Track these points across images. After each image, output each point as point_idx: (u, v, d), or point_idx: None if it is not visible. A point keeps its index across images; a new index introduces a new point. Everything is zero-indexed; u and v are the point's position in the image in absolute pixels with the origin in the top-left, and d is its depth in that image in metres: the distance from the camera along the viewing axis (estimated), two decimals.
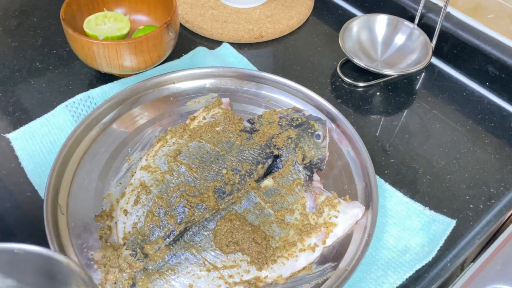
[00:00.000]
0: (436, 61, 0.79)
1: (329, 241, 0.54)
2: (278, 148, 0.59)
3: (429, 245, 0.55)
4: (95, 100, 0.67)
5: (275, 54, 0.80)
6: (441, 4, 0.78)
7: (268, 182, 0.57)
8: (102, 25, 0.73)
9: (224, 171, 0.57)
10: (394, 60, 0.75)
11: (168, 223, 0.53)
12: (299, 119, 0.62)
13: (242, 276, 0.50)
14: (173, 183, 0.56)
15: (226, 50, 0.78)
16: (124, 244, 0.52)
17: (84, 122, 0.62)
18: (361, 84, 0.75)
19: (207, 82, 0.70)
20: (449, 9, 0.77)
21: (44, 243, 0.55)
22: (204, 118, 0.64)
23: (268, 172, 0.59)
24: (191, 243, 0.52)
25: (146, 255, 0.51)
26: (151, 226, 0.53)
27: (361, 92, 0.74)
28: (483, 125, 0.70)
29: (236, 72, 0.70)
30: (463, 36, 0.74)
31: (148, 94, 0.68)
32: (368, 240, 0.53)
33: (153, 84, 0.68)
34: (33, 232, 0.56)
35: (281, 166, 0.59)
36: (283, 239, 0.53)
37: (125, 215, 0.54)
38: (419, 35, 0.76)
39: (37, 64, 0.75)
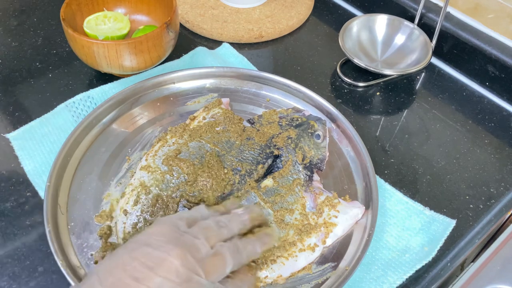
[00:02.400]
0: (436, 61, 0.79)
1: (329, 241, 0.54)
2: (278, 148, 0.59)
3: (429, 245, 0.55)
4: (95, 100, 0.67)
5: (275, 54, 0.80)
6: (441, 4, 0.78)
7: (268, 182, 0.57)
8: (102, 25, 0.73)
9: (224, 171, 0.57)
10: (394, 60, 0.75)
11: None
12: (299, 119, 0.62)
13: None
14: (173, 183, 0.56)
15: (226, 50, 0.78)
16: None
17: (84, 122, 0.62)
18: (361, 84, 0.75)
19: (207, 82, 0.70)
20: (449, 9, 0.77)
21: (44, 243, 0.55)
22: (204, 118, 0.64)
23: (268, 172, 0.59)
24: None
25: None
26: None
27: (361, 92, 0.74)
28: (483, 125, 0.70)
29: (236, 72, 0.70)
30: (463, 36, 0.74)
31: (148, 94, 0.68)
32: (368, 240, 0.53)
33: (153, 84, 0.68)
34: (33, 232, 0.56)
35: (281, 166, 0.59)
36: (283, 239, 0.53)
37: (125, 215, 0.54)
38: (419, 35, 0.76)
39: (37, 64, 0.75)
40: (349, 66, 0.77)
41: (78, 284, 0.39)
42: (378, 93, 0.74)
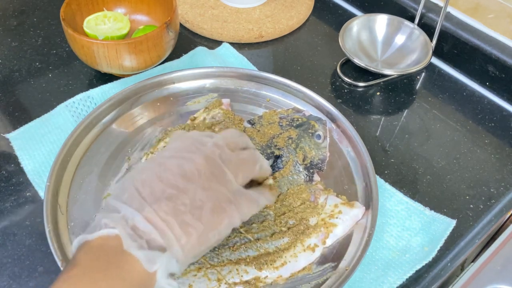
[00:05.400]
0: (436, 61, 0.79)
1: (329, 242, 0.54)
2: (278, 149, 0.59)
3: (429, 245, 0.55)
4: (95, 100, 0.67)
5: (275, 54, 0.80)
6: (441, 4, 0.78)
7: (268, 182, 0.57)
8: (102, 25, 0.73)
9: None
10: (394, 60, 0.75)
11: None
12: (300, 119, 0.62)
13: (242, 276, 0.50)
14: None
15: (226, 50, 0.78)
16: None
17: (84, 122, 0.62)
18: (361, 84, 0.75)
19: (207, 82, 0.70)
20: (449, 9, 0.77)
21: (44, 243, 0.55)
22: (204, 119, 0.64)
23: None
24: None
25: None
26: None
27: (361, 92, 0.74)
28: (483, 125, 0.70)
29: (236, 72, 0.70)
30: (463, 36, 0.74)
31: (148, 94, 0.68)
32: (368, 240, 0.53)
33: (153, 84, 0.68)
34: (33, 232, 0.56)
35: (281, 166, 0.58)
36: (281, 247, 0.53)
37: None
38: (419, 35, 0.76)
39: (37, 64, 0.75)
40: (349, 66, 0.77)
41: (119, 196, 0.42)
42: (378, 93, 0.74)
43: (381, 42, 0.78)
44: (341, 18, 0.86)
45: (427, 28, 0.76)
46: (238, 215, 0.43)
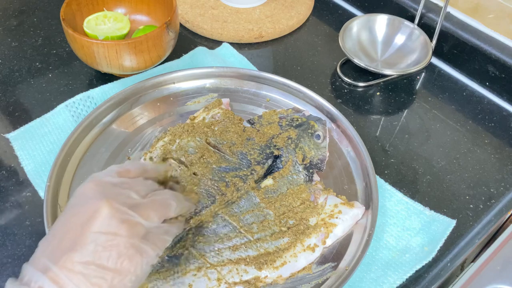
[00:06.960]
0: (436, 61, 0.79)
1: (329, 242, 0.54)
2: (278, 149, 0.59)
3: (429, 245, 0.55)
4: (95, 100, 0.67)
5: (275, 54, 0.80)
6: (441, 4, 0.78)
7: (268, 182, 0.57)
8: (102, 25, 0.73)
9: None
10: (394, 60, 0.75)
11: None
12: (299, 119, 0.62)
13: (241, 276, 0.50)
14: None
15: (226, 50, 0.78)
16: None
17: (84, 122, 0.62)
18: (361, 84, 0.75)
19: (207, 82, 0.70)
20: (449, 9, 0.77)
21: None
22: (204, 118, 0.64)
23: (268, 173, 0.59)
24: (191, 243, 0.52)
25: None
26: None
27: (361, 92, 0.74)
28: (483, 125, 0.70)
29: (236, 72, 0.70)
30: (463, 36, 0.74)
31: (148, 94, 0.68)
32: (368, 240, 0.53)
33: (153, 84, 0.68)
34: (33, 232, 0.56)
35: (281, 166, 0.58)
36: (281, 247, 0.53)
37: None
38: (419, 35, 0.76)
39: (37, 64, 0.75)
40: (349, 66, 0.77)
41: (28, 262, 0.40)
42: (378, 93, 0.74)
43: (381, 42, 0.78)
44: (341, 18, 0.86)
45: (427, 28, 0.76)
46: (154, 253, 0.42)
